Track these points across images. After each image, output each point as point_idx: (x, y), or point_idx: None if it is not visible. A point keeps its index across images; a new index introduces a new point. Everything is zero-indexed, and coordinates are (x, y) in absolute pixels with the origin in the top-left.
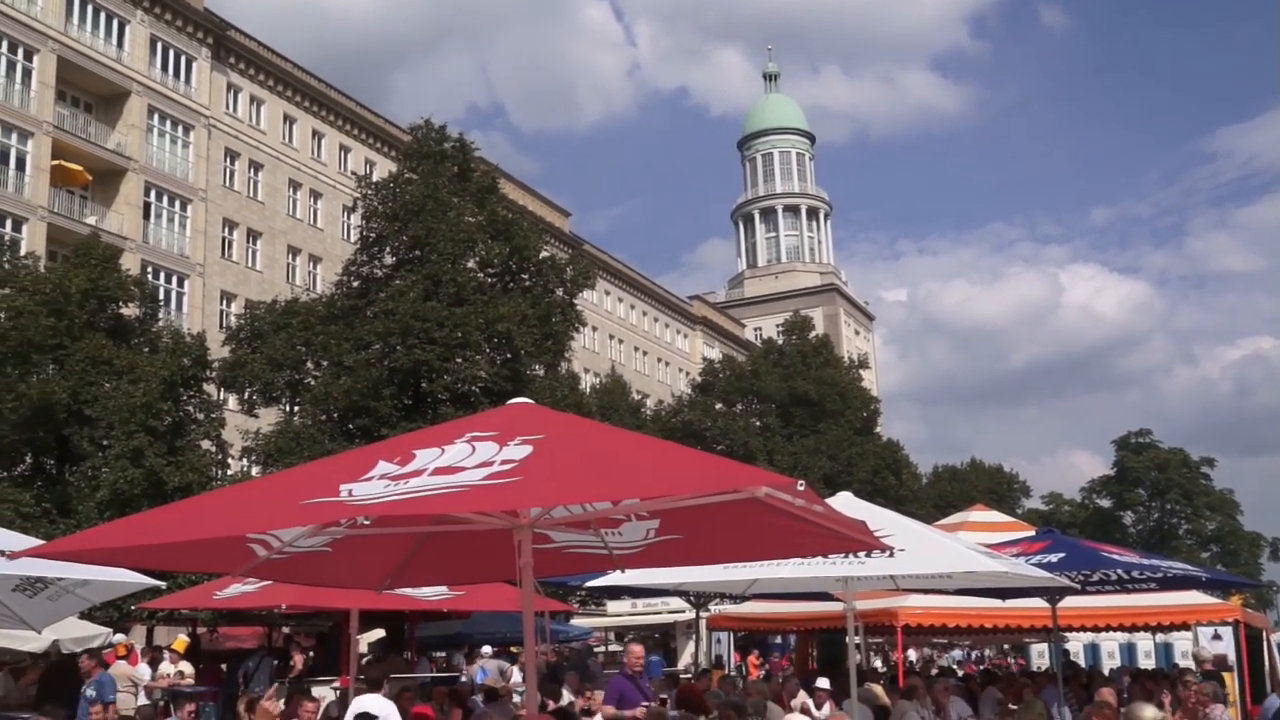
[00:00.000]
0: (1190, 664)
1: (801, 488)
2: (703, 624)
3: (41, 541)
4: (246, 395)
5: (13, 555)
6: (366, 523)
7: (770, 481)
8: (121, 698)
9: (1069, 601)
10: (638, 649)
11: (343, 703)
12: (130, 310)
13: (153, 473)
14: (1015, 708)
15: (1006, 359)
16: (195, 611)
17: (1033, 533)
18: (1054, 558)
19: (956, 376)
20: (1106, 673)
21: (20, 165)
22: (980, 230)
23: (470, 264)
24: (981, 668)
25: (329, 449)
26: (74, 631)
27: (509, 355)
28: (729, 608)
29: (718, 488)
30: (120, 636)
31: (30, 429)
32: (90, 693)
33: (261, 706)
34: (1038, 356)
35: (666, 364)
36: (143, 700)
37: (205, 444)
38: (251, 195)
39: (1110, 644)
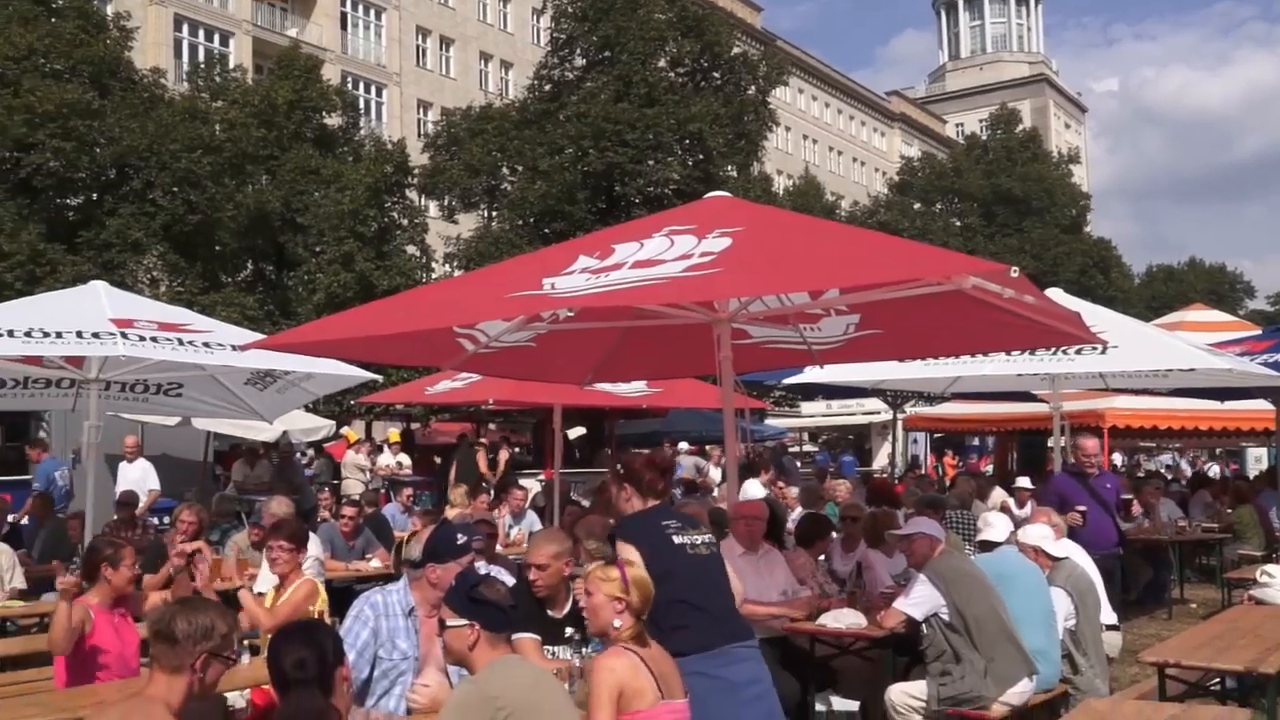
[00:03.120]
0: None
1: (1015, 274)
2: (899, 425)
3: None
4: (446, 201)
5: (242, 348)
6: (570, 314)
7: (979, 269)
8: (351, 484)
9: None
10: (1091, 443)
11: (548, 493)
12: (334, 120)
13: (363, 276)
14: (1230, 511)
15: (1230, 150)
16: (409, 407)
17: (1258, 332)
18: None
19: (1173, 170)
20: None
21: None
22: (1205, 10)
23: (661, 63)
24: (1194, 471)
25: (526, 253)
26: (301, 423)
27: (701, 156)
28: (926, 409)
29: (923, 275)
30: (347, 428)
31: (249, 237)
32: (37, 485)
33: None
34: (1267, 146)
35: (862, 164)
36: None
37: (410, 249)
38: (443, 1)
39: None
